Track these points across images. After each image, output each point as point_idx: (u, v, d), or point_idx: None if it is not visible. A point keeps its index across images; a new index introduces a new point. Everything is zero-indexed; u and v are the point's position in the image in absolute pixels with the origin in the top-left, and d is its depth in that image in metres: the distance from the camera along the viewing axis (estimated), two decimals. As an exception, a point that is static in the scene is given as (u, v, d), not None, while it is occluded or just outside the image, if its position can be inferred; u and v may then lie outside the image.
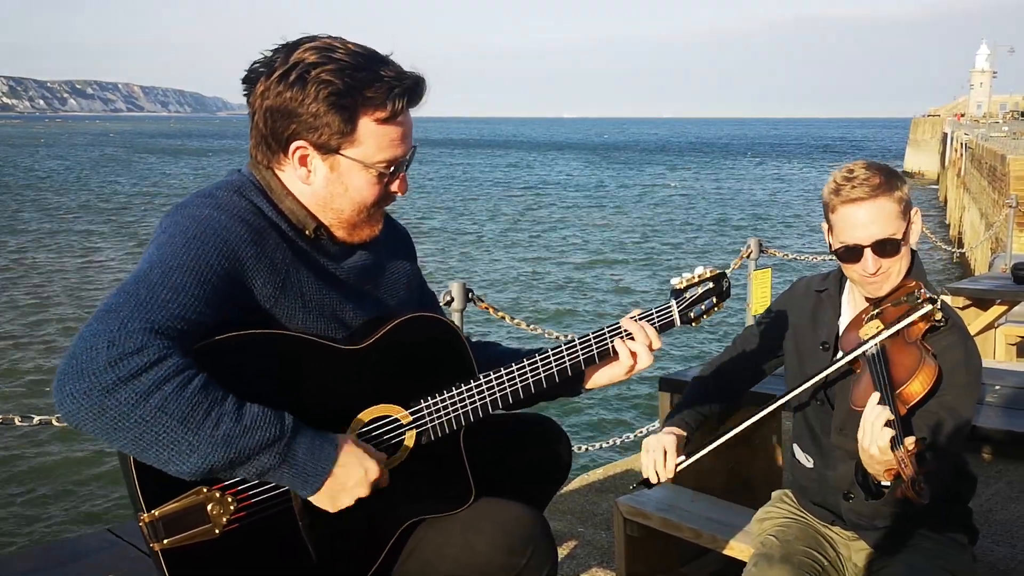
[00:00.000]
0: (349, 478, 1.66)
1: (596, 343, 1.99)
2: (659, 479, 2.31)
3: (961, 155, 36.66)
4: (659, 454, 2.32)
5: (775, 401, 2.27)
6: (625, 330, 2.00)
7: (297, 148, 1.76)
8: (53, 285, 20.30)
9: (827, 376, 2.24)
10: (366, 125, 1.74)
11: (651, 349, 2.02)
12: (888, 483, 2.00)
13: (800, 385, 2.25)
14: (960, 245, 22.85)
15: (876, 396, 1.98)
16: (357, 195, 1.80)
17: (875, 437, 1.92)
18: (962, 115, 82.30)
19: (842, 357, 2.20)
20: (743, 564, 2.41)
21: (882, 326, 2.15)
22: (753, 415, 2.29)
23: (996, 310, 6.02)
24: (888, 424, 1.92)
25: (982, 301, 5.80)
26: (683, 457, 2.33)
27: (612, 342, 2.00)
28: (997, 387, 3.28)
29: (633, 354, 2.01)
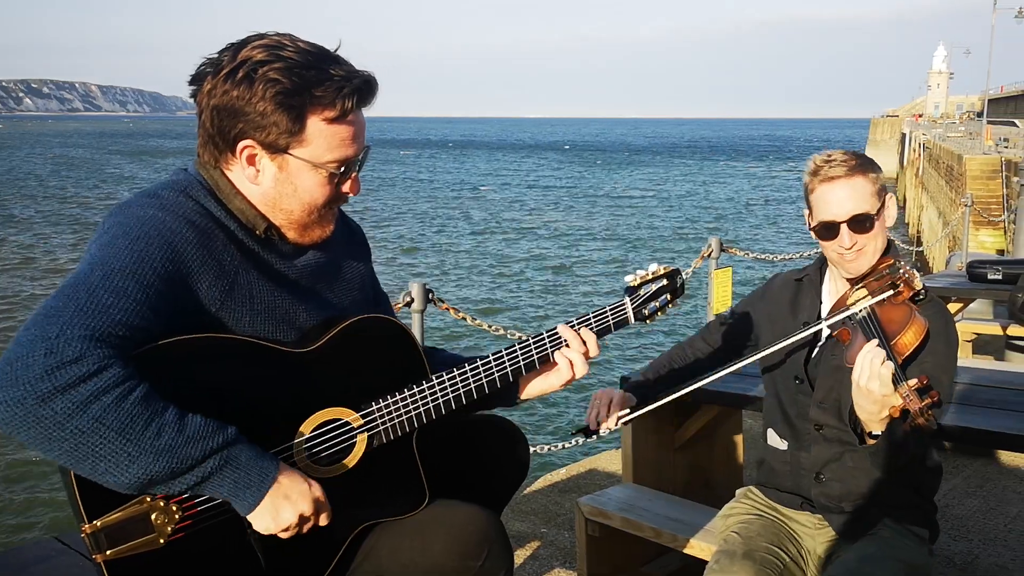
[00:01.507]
0: (292, 488, 1.63)
1: (535, 349, 1.94)
2: (599, 428, 2.35)
3: (919, 155, 37.28)
4: (603, 405, 2.37)
5: (751, 355, 2.32)
6: (561, 337, 1.97)
7: (245, 147, 1.72)
8: (8, 293, 19.90)
9: (824, 329, 2.28)
10: (315, 125, 1.70)
11: (587, 357, 1.97)
12: (880, 432, 2.04)
13: (779, 342, 2.29)
14: (918, 243, 23.23)
15: (875, 341, 2.03)
16: (307, 195, 1.76)
17: (875, 372, 1.96)
18: (920, 116, 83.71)
19: (835, 316, 2.24)
20: (703, 563, 2.42)
21: (868, 295, 2.21)
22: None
23: (952, 307, 6.10)
24: (886, 361, 1.96)
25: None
26: (627, 410, 2.36)
27: (548, 350, 1.95)
28: (953, 383, 3.31)
29: (570, 363, 1.96)
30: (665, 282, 2.07)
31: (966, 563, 3.65)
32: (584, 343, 1.97)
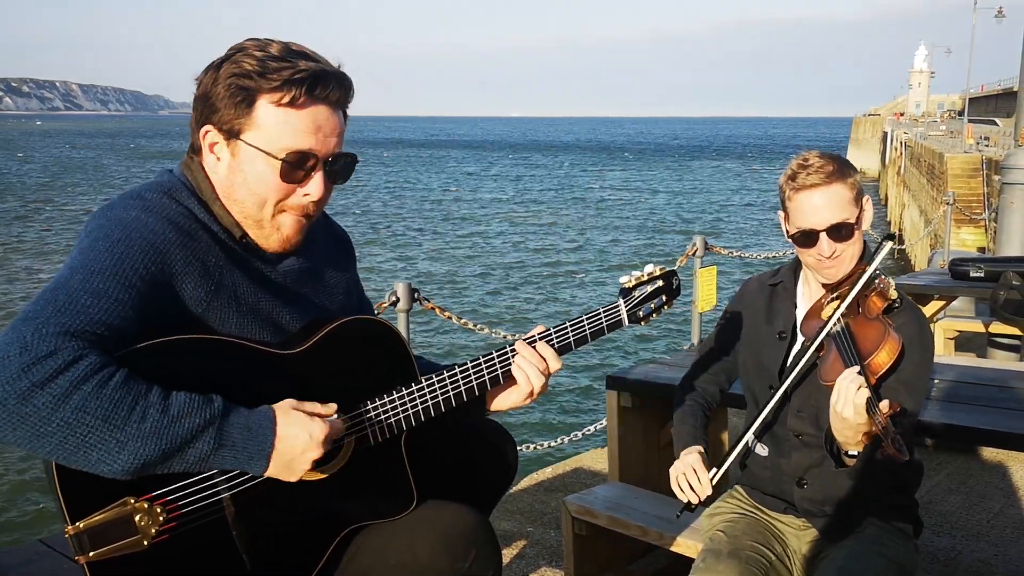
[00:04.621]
0: (295, 446, 1.61)
1: (500, 364, 1.90)
2: (700, 498, 2.31)
3: (901, 153, 37.47)
4: (691, 474, 2.32)
5: (774, 393, 2.28)
6: (519, 353, 1.91)
7: (206, 132, 1.72)
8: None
9: (806, 363, 2.25)
10: (264, 108, 1.68)
11: (546, 374, 1.92)
12: (856, 452, 2.04)
13: (789, 375, 2.26)
14: (900, 242, 23.36)
15: (855, 368, 2.01)
16: (257, 185, 1.71)
17: (850, 399, 1.95)
18: (901, 114, 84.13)
19: (809, 342, 2.23)
20: (689, 560, 2.42)
21: (842, 303, 2.19)
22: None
23: (935, 305, 6.12)
24: (862, 388, 1.95)
25: (921, 297, 5.89)
26: (714, 469, 2.32)
27: (510, 365, 1.91)
28: (936, 380, 3.34)
29: (527, 378, 1.91)
30: (661, 283, 2.03)
31: (949, 559, 3.68)
32: (543, 359, 1.92)
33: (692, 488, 2.31)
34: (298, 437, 1.61)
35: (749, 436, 2.34)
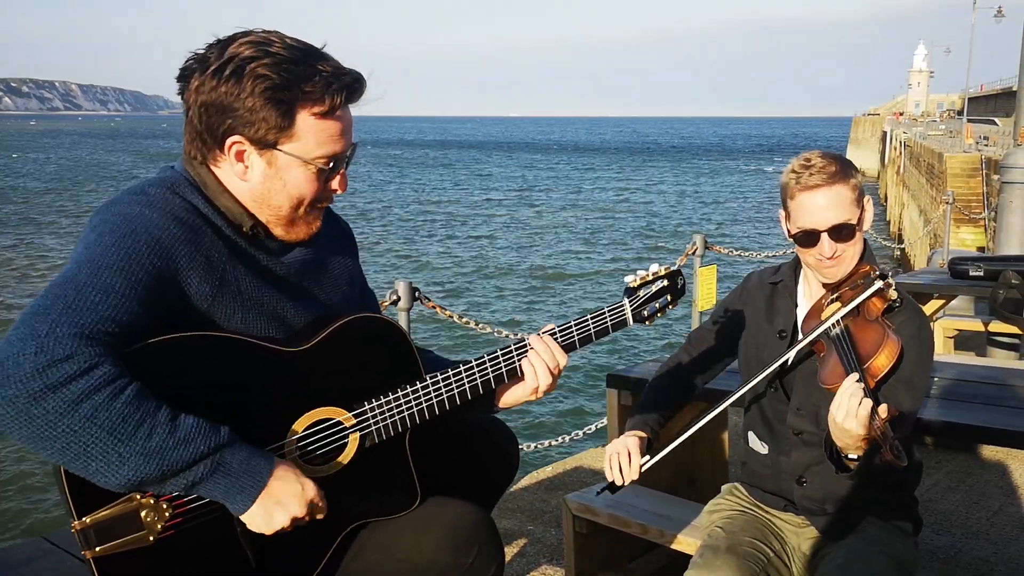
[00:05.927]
0: (284, 492, 1.62)
1: (504, 361, 1.92)
2: (624, 481, 2.32)
3: (900, 153, 37.46)
4: (623, 456, 2.33)
5: (737, 390, 2.29)
6: (531, 347, 1.93)
7: (233, 143, 1.72)
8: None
9: (791, 357, 2.27)
10: (304, 120, 1.71)
11: (556, 371, 1.94)
12: (856, 456, 2.04)
13: (764, 370, 2.26)
14: (900, 241, 23.35)
15: (855, 376, 2.01)
16: (295, 191, 1.76)
17: (852, 411, 1.95)
18: (901, 114, 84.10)
19: (804, 339, 2.23)
20: (690, 559, 2.43)
21: (842, 307, 2.20)
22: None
23: (934, 304, 6.13)
24: (864, 400, 1.95)
25: (921, 296, 5.89)
26: (647, 457, 2.33)
27: (514, 364, 1.92)
28: (936, 379, 3.34)
29: (535, 373, 1.93)
30: (665, 283, 2.05)
31: (949, 557, 3.68)
32: (553, 354, 1.93)
33: (621, 470, 2.32)
34: (292, 483, 1.64)
35: (690, 433, 2.33)
